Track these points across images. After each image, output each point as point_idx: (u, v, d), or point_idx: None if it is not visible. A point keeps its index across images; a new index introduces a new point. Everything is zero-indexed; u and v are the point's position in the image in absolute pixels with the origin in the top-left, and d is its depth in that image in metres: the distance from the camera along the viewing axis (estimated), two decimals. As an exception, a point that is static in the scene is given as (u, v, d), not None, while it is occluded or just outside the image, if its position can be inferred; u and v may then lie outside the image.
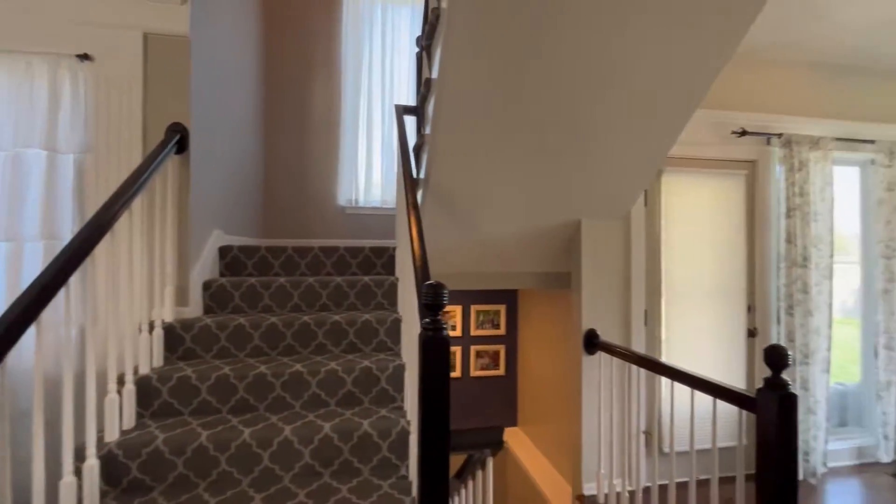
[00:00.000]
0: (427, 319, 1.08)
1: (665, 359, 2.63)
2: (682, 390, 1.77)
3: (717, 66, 1.71)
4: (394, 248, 2.32)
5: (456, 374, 3.44)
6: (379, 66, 3.14)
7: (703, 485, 2.60)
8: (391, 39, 3.16)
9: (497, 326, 3.52)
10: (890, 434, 2.90)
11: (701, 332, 2.72)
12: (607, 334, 2.36)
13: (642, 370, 2.06)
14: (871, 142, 2.89)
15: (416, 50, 2.37)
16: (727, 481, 2.64)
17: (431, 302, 1.07)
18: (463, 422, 3.38)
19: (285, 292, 2.03)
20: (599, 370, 2.31)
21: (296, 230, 3.01)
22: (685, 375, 1.70)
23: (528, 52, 1.59)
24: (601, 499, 2.26)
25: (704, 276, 2.72)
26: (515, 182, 2.10)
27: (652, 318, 2.65)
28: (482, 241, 2.37)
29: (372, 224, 3.14)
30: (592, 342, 2.33)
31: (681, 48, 1.64)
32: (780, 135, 2.74)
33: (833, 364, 2.80)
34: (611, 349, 2.20)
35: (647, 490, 2.47)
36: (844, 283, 3.11)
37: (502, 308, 3.53)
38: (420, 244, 1.40)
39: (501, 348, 3.52)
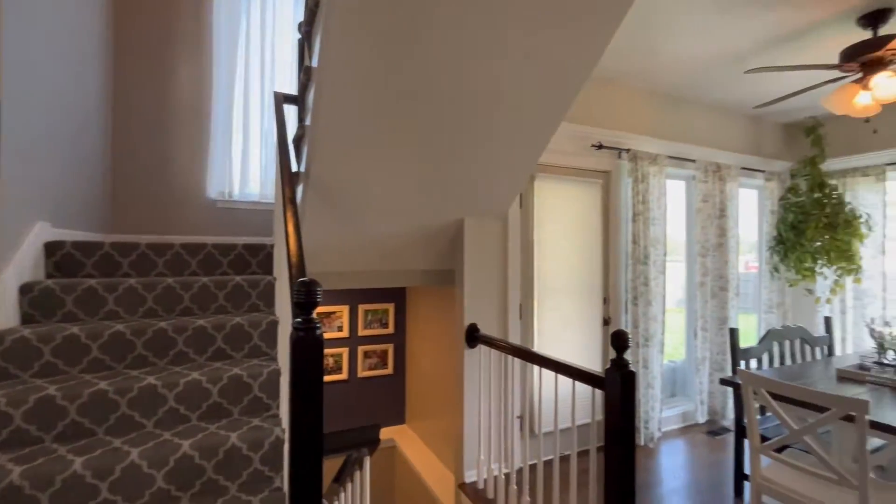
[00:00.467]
0: (298, 319, 1.03)
1: (537, 348, 2.88)
2: (549, 376, 1.95)
3: (577, 84, 1.93)
4: (272, 246, 2.17)
5: (343, 375, 3.35)
6: (258, 48, 2.91)
7: (565, 460, 2.92)
8: (272, 22, 2.94)
9: (385, 325, 3.51)
10: (705, 400, 3.58)
11: (567, 323, 3.04)
12: (487, 328, 2.51)
13: (517, 360, 2.23)
14: (693, 161, 3.53)
15: (299, 36, 2.25)
16: (586, 454, 2.99)
17: (304, 300, 1.03)
18: (350, 424, 3.30)
19: (136, 295, 1.76)
20: (480, 362, 2.45)
21: (153, 225, 2.64)
22: (550, 362, 1.89)
23: (406, 51, 1.62)
24: (481, 484, 2.39)
25: (569, 272, 3.05)
26: (401, 180, 2.11)
27: (526, 311, 2.89)
28: (368, 238, 2.34)
29: (248, 220, 2.89)
30: (474, 336, 2.46)
31: (548, 64, 1.81)
32: (628, 150, 3.19)
33: (666, 345, 3.36)
34: (490, 342, 2.34)
35: (520, 471, 2.69)
36: (674, 277, 3.75)
37: (391, 307, 3.53)
38: (296, 241, 1.33)
39: (390, 347, 3.52)
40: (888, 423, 1.68)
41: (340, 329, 3.36)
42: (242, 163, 2.87)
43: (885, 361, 2.26)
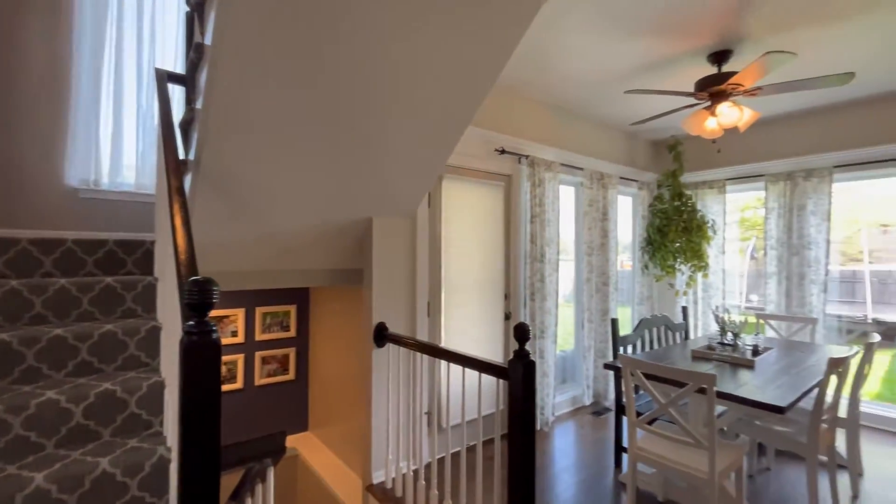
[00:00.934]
0: (191, 322, 0.93)
1: (444, 344, 2.95)
2: (457, 370, 2.02)
3: (483, 89, 2.02)
4: (152, 243, 1.92)
5: (237, 384, 3.08)
6: (133, 19, 2.54)
7: (472, 450, 3.03)
8: (151, -11, 2.60)
9: (287, 328, 3.32)
10: (591, 384, 3.99)
11: (472, 318, 3.16)
12: (395, 326, 2.51)
13: (425, 356, 2.26)
14: (582, 169, 3.92)
15: (187, 9, 2.02)
16: (491, 442, 3.14)
17: (198, 300, 0.93)
18: (246, 436, 3.05)
19: (-36, 302, 1.43)
20: (388, 361, 2.43)
21: (-12, 216, 2.16)
22: (457, 356, 1.95)
23: (311, 38, 1.55)
24: (389, 483, 2.38)
25: (475, 270, 3.18)
26: (308, 175, 2.01)
27: (434, 308, 2.94)
28: (269, 236, 2.19)
29: (122, 212, 2.52)
30: (382, 335, 2.43)
31: (455, 67, 1.87)
32: (527, 156, 3.42)
33: (559, 336, 3.67)
34: (399, 340, 2.34)
35: (429, 465, 2.73)
36: (566, 274, 4.12)
37: (292, 308, 3.34)
38: (186, 236, 1.20)
39: (292, 351, 3.33)
40: (728, 392, 2.04)
41: (235, 334, 3.09)
42: (113, 147, 2.49)
43: (726, 342, 2.74)
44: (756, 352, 2.70)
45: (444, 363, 2.56)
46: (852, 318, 6.29)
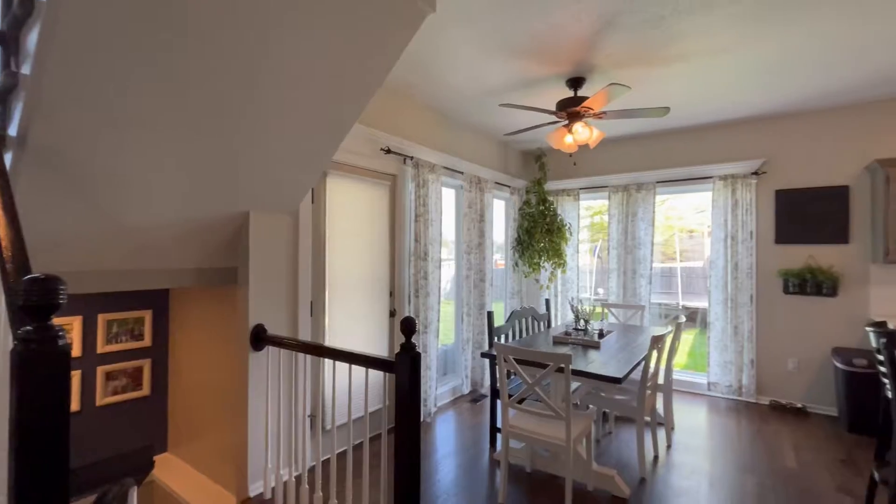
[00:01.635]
0: (29, 327, 0.79)
1: (328, 343, 2.89)
2: (343, 369, 2.00)
3: (369, 88, 2.04)
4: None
5: (72, 407, 2.58)
6: None
7: (359, 448, 3.02)
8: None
9: (139, 337, 2.89)
10: (469, 374, 4.27)
11: (357, 317, 3.15)
12: (276, 328, 2.38)
13: (308, 357, 2.19)
14: (462, 172, 4.17)
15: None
16: (377, 439, 3.16)
17: (38, 302, 0.79)
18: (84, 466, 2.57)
19: None
20: (267, 365, 2.30)
21: None
22: (343, 354, 1.94)
23: (180, 4, 1.41)
24: (268, 494, 2.25)
25: (360, 268, 3.17)
26: (169, 162, 1.80)
27: (317, 307, 2.86)
28: (122, 230, 1.90)
29: None
30: (260, 337, 2.29)
31: (342, 64, 1.86)
32: (412, 157, 3.53)
33: (441, 331, 3.86)
34: (279, 342, 2.23)
35: (312, 469, 2.64)
36: (447, 272, 4.34)
37: (147, 314, 2.92)
38: (13, 226, 1.00)
39: (146, 363, 2.91)
40: (580, 369, 2.40)
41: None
42: None
43: (579, 328, 3.20)
44: (601, 335, 3.20)
45: (328, 363, 2.50)
46: (669, 305, 7.79)
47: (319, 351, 2.07)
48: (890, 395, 2.16)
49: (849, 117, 3.78)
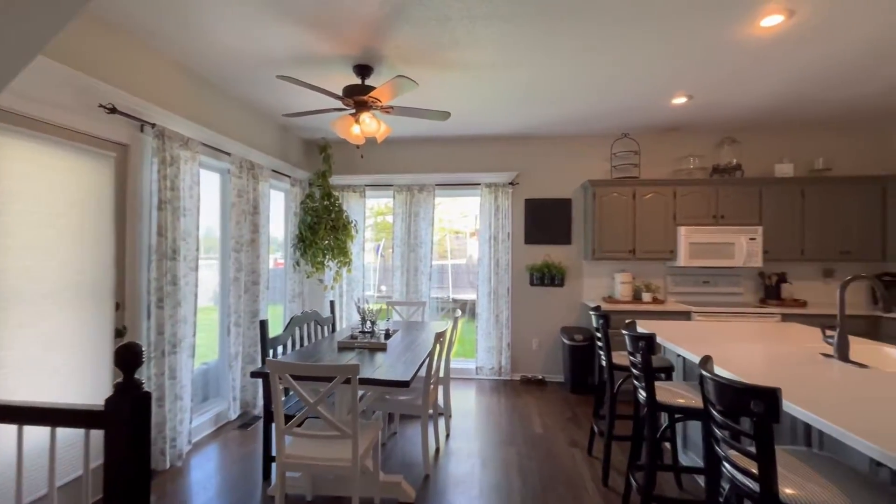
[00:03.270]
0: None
1: (-8, 390, 1.88)
2: (8, 433, 1.27)
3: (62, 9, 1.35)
4: None
5: None
6: None
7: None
8: None
9: None
10: (237, 395, 3.59)
11: (53, 343, 2.17)
12: None
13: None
14: (229, 154, 3.46)
15: None
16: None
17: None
18: None
19: None
20: None
21: None
22: (8, 410, 1.22)
23: None
24: None
25: (59, 272, 2.20)
26: None
27: (-32, 336, 1.82)
28: None
29: None
30: None
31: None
32: (154, 125, 2.69)
33: (198, 347, 3.09)
34: None
35: None
36: (209, 274, 3.55)
37: None
38: None
39: None
40: (368, 377, 2.22)
41: None
42: None
43: (366, 330, 3.04)
44: (388, 335, 3.12)
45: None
46: (442, 299, 8.55)
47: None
48: (604, 362, 2.74)
49: (571, 145, 4.81)
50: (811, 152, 4.48)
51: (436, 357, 2.79)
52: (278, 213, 4.56)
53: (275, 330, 3.39)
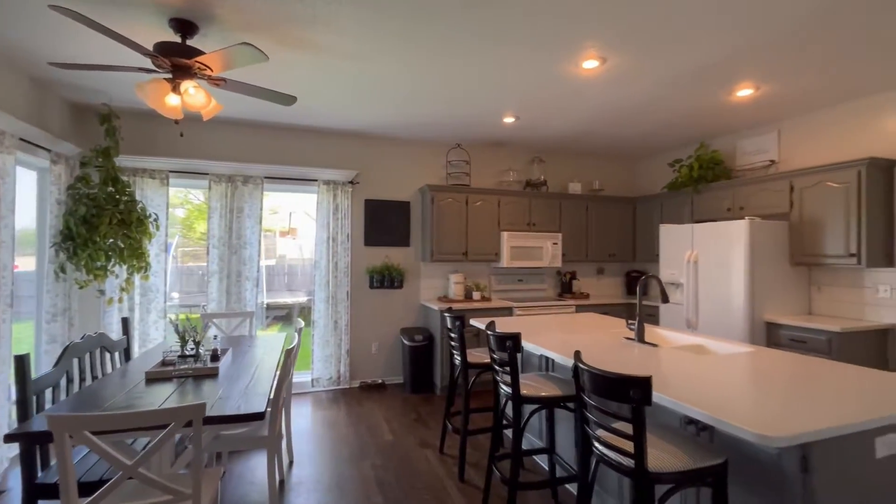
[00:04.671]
0: None
1: None
2: None
3: None
4: None
5: None
6: None
7: None
8: None
9: None
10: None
11: None
12: None
13: None
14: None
15: None
16: None
17: None
18: None
19: None
20: None
21: None
22: None
23: None
24: None
25: None
26: None
27: None
28: None
29: None
30: None
31: None
32: None
33: None
34: None
35: None
36: None
37: None
38: None
39: None
40: (215, 414, 1.76)
41: None
42: None
43: (188, 353, 2.42)
44: (215, 356, 2.56)
45: None
46: (275, 304, 7.62)
47: None
48: (458, 361, 2.84)
49: (411, 149, 4.88)
50: (591, 175, 5.63)
51: (276, 376, 2.41)
52: (27, 198, 3.28)
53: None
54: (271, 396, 2.22)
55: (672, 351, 2.28)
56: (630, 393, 1.34)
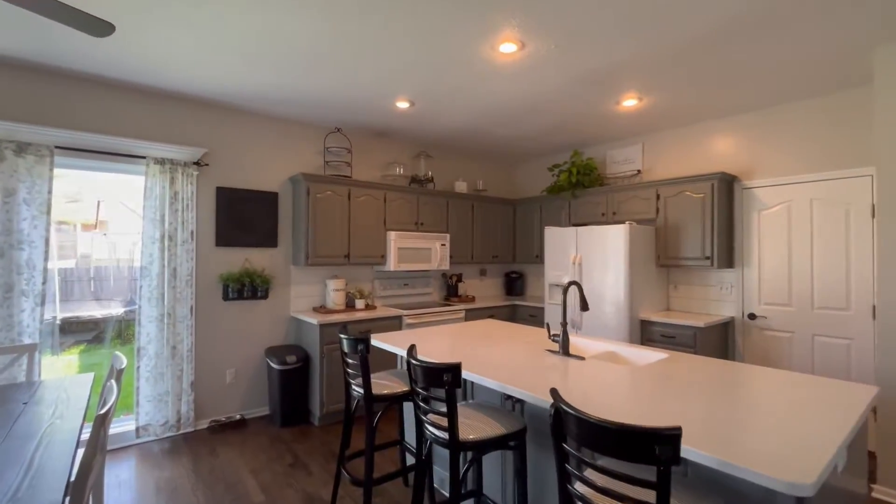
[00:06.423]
0: None
1: None
2: None
3: None
4: None
5: None
6: None
7: None
8: None
9: None
10: None
11: None
12: None
13: None
14: None
15: None
16: None
17: None
18: None
19: None
20: None
21: None
22: None
23: None
24: None
25: None
26: None
27: None
28: None
29: None
30: None
31: None
32: None
33: None
34: None
35: None
36: None
37: None
38: None
39: None
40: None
41: None
42: None
43: None
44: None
45: None
46: (76, 320, 5.62)
47: None
48: (358, 393, 2.28)
49: (282, 128, 4.03)
50: (476, 175, 5.51)
51: (77, 455, 1.53)
52: None
53: None
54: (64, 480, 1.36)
55: (606, 366, 2.12)
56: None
